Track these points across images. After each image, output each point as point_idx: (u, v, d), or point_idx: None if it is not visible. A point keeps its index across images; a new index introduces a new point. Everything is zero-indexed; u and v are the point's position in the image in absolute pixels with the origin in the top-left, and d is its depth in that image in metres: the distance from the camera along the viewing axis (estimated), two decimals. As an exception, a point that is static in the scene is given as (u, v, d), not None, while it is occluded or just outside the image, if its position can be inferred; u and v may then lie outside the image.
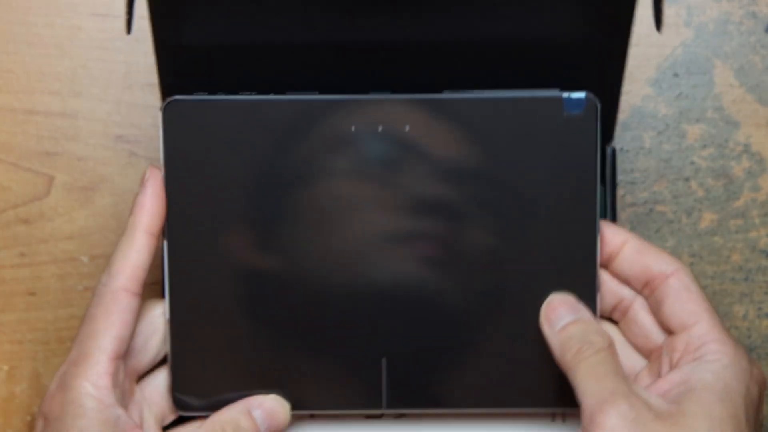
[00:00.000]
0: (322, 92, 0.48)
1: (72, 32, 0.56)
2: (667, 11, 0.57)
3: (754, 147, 0.57)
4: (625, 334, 0.50)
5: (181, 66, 0.48)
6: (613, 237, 0.49)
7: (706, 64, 0.57)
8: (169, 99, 0.48)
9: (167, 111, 0.48)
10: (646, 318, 0.49)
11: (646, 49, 0.57)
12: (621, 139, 0.57)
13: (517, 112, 0.48)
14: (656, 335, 0.49)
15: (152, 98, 0.56)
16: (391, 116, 0.47)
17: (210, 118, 0.48)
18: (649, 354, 0.49)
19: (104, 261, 0.56)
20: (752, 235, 0.57)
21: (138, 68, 0.56)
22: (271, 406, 0.48)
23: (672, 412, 0.44)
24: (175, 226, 0.48)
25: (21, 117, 0.56)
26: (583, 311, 0.48)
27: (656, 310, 0.48)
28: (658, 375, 0.48)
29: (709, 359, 0.46)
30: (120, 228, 0.56)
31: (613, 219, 0.52)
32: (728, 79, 0.57)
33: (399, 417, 0.51)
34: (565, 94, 0.48)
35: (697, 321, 0.47)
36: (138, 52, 0.56)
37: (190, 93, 0.48)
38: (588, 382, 0.45)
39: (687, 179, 0.57)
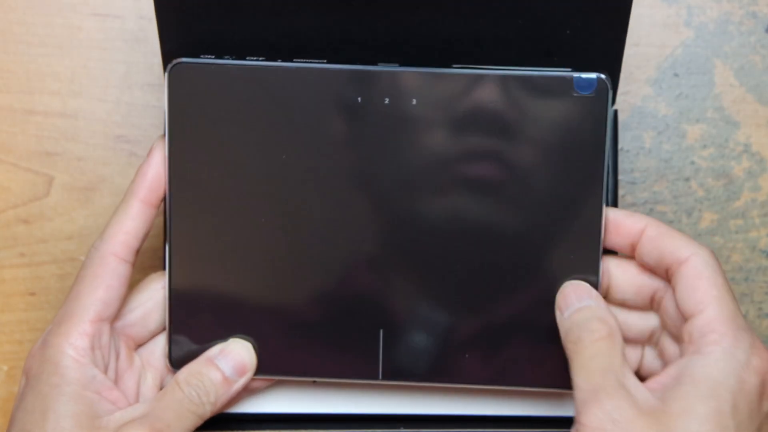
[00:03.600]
0: (328, 60, 0.48)
1: (72, 32, 0.56)
2: (667, 11, 0.57)
3: (754, 147, 0.57)
4: (662, 324, 0.49)
5: (181, 31, 0.48)
6: (633, 224, 0.48)
7: (706, 64, 0.57)
8: (174, 61, 0.47)
9: (172, 73, 0.48)
10: (674, 307, 0.48)
11: (646, 49, 0.57)
12: (621, 139, 0.57)
13: (526, 90, 0.47)
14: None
15: (152, 98, 0.56)
16: (398, 89, 0.47)
17: (215, 82, 0.47)
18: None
19: (104, 261, 0.56)
20: (752, 235, 0.57)
21: (138, 68, 0.56)
22: (231, 348, 0.49)
23: (655, 409, 0.44)
24: (177, 191, 0.48)
25: (21, 117, 0.56)
26: (594, 297, 0.47)
27: (676, 298, 0.47)
28: None
29: (704, 352, 0.45)
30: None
31: (615, 182, 0.52)
32: (728, 79, 0.57)
33: (395, 387, 0.51)
34: (576, 75, 0.47)
35: (702, 310, 0.46)
36: (138, 52, 0.56)
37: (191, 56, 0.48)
38: (580, 375, 0.45)
39: (687, 179, 0.57)
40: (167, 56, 0.48)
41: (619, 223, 0.48)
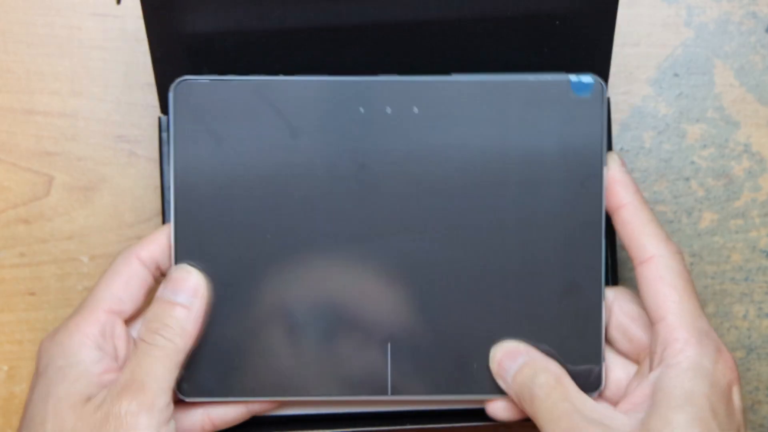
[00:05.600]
0: (327, 74, 0.48)
1: (72, 32, 0.56)
2: (667, 11, 0.57)
3: (754, 147, 0.57)
4: (611, 343, 0.49)
5: (171, 40, 0.48)
6: (618, 192, 0.48)
7: (706, 64, 0.57)
8: (179, 79, 0.48)
9: (177, 91, 0.48)
10: (623, 322, 0.48)
11: (646, 49, 0.57)
12: (621, 139, 0.57)
13: (524, 95, 0.48)
14: (638, 337, 0.48)
15: (152, 98, 0.56)
16: (399, 98, 0.48)
17: (219, 98, 0.48)
18: (637, 358, 0.48)
19: (104, 261, 0.56)
20: (752, 235, 0.57)
21: (138, 68, 0.56)
22: (171, 277, 0.48)
23: (635, 431, 0.44)
24: (181, 206, 0.48)
25: (21, 117, 0.56)
26: (524, 352, 0.48)
27: (641, 299, 0.47)
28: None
29: (670, 363, 0.45)
30: (120, 228, 0.56)
31: None
32: (728, 79, 0.57)
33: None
34: (573, 78, 0.48)
35: (663, 317, 0.46)
36: (138, 52, 0.56)
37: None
38: (548, 427, 0.45)
39: (687, 179, 0.57)
40: (158, 64, 0.49)
41: (610, 188, 0.48)
